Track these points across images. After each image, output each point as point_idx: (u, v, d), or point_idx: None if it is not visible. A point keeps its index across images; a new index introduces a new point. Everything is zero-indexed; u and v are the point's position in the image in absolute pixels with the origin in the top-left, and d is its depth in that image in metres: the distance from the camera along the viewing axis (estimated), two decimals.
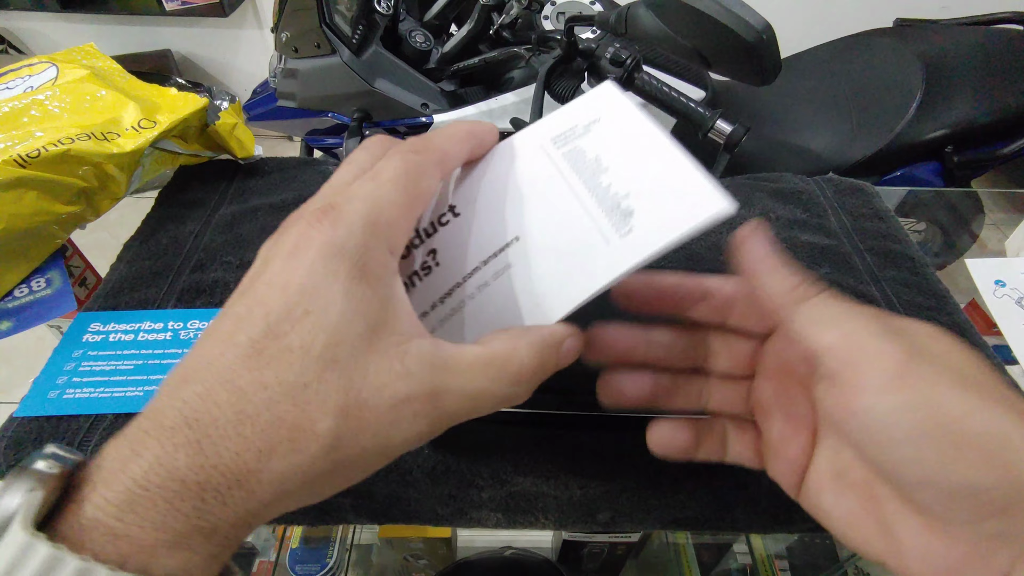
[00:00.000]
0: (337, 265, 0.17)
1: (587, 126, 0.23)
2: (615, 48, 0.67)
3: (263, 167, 0.47)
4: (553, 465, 0.30)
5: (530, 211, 0.22)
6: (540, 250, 0.21)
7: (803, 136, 1.00)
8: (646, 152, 0.21)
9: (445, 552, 0.66)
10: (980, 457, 0.16)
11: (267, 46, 1.61)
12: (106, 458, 0.15)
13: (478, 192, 0.23)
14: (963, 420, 0.17)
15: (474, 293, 0.22)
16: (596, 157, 0.22)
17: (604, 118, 0.23)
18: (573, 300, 0.20)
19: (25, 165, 0.34)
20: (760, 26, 0.51)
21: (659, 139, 0.22)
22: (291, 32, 0.88)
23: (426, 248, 0.23)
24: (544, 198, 0.22)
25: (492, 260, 0.22)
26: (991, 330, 0.43)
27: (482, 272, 0.22)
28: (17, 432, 0.29)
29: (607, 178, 0.21)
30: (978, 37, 0.98)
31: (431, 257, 0.23)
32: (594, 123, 0.23)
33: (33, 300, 0.36)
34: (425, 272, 0.23)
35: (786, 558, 0.65)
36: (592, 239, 0.21)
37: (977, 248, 0.97)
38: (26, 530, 0.13)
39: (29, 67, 0.44)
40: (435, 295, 0.22)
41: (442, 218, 0.23)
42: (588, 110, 0.23)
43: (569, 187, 0.22)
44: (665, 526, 0.32)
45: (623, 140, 0.22)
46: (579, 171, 0.22)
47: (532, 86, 0.76)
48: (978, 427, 0.17)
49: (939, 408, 0.17)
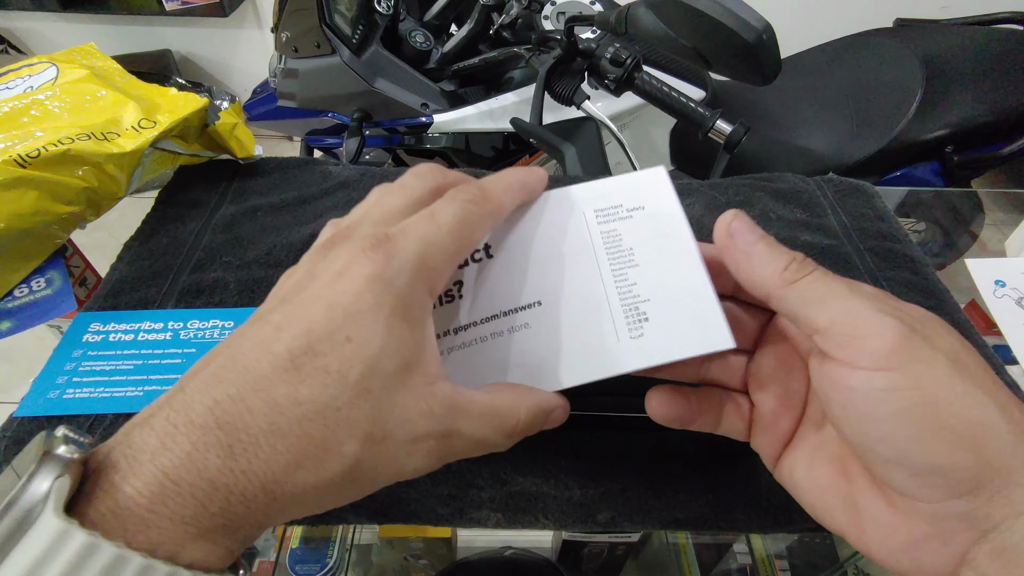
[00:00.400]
0: (384, 299, 0.17)
1: (631, 211, 0.24)
2: (615, 48, 0.67)
3: (263, 167, 0.47)
4: (553, 465, 0.30)
5: (557, 278, 0.23)
6: (557, 322, 0.22)
7: (803, 136, 1.00)
8: (676, 263, 0.22)
9: (445, 552, 0.66)
10: (957, 439, 0.17)
11: (267, 46, 1.61)
12: (132, 446, 0.15)
13: (516, 240, 0.24)
14: (950, 403, 0.17)
15: (486, 337, 0.23)
16: (630, 248, 0.23)
17: (648, 208, 0.24)
18: (574, 380, 0.22)
19: (25, 165, 0.34)
20: (760, 26, 0.51)
21: (691, 253, 0.23)
22: (291, 32, 0.88)
23: (453, 277, 0.23)
24: (573, 272, 0.23)
25: (512, 315, 0.23)
26: (991, 330, 0.43)
27: (500, 322, 0.23)
28: (17, 432, 0.29)
29: (635, 275, 0.23)
30: (978, 37, 0.98)
31: (456, 287, 0.24)
32: (638, 210, 0.24)
33: (33, 300, 0.36)
34: (447, 299, 0.24)
35: (786, 558, 0.65)
36: (605, 329, 0.22)
37: (977, 248, 0.97)
38: (60, 517, 0.13)
39: (29, 67, 0.44)
40: (449, 324, 0.23)
41: (475, 254, 0.24)
42: (636, 192, 0.24)
43: (598, 269, 0.23)
44: (665, 526, 0.32)
45: (659, 241, 0.23)
46: (612, 257, 0.23)
47: (532, 86, 0.76)
48: (962, 411, 0.17)
49: (928, 390, 0.17)
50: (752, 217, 0.31)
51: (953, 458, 0.17)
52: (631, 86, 0.68)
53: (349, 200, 0.44)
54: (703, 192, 0.46)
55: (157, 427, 0.16)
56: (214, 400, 0.16)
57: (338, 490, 0.17)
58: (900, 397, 0.17)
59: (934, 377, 0.17)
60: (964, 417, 0.17)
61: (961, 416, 0.17)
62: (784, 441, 0.23)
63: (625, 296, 0.22)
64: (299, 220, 0.42)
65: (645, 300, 0.22)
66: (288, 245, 0.39)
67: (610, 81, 0.68)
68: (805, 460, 0.22)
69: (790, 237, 0.41)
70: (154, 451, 0.15)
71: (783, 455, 0.23)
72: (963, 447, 0.17)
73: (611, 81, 0.68)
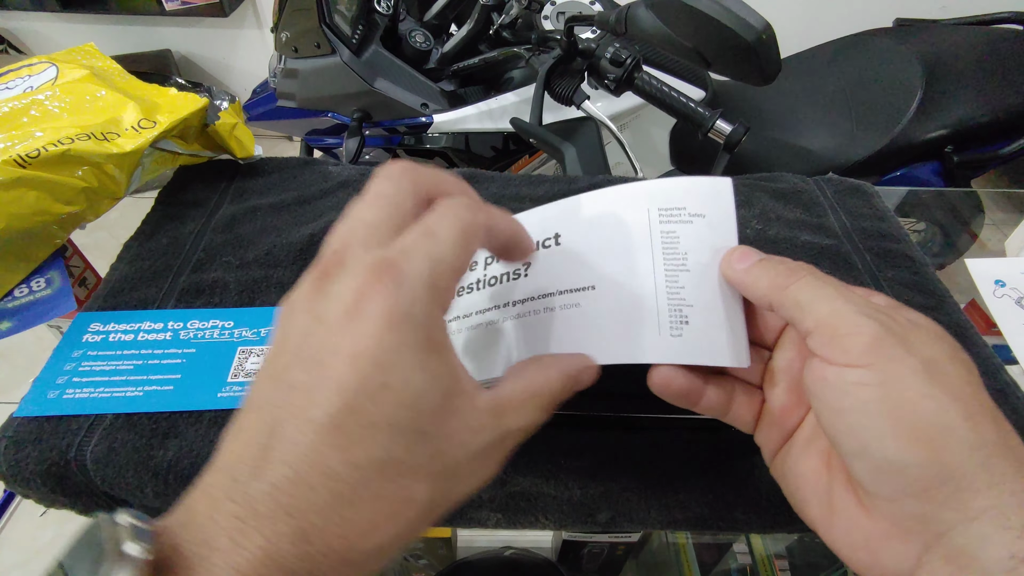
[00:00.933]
0: (406, 335, 0.16)
1: (692, 216, 0.25)
2: (615, 48, 0.67)
3: (263, 167, 0.47)
4: (553, 465, 0.30)
5: (613, 268, 0.25)
6: (606, 307, 0.24)
7: (803, 136, 1.00)
8: (721, 277, 0.24)
9: (445, 552, 0.66)
10: (915, 437, 0.17)
11: (267, 46, 1.61)
12: (202, 546, 0.15)
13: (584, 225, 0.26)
14: (913, 403, 0.18)
15: (539, 311, 0.25)
16: (685, 253, 0.24)
17: (709, 217, 0.25)
18: (608, 359, 0.24)
19: (25, 165, 0.34)
20: (760, 26, 0.51)
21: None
22: (291, 32, 0.88)
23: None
24: (629, 263, 0.25)
25: (566, 294, 0.25)
26: (991, 330, 0.43)
27: (554, 299, 0.25)
28: (17, 432, 0.29)
29: (685, 279, 0.24)
30: (978, 37, 0.98)
31: (524, 267, 0.26)
32: (698, 217, 0.25)
33: (33, 300, 0.36)
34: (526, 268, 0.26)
35: (786, 558, 0.65)
36: (648, 322, 0.24)
37: (977, 248, 0.98)
38: None
39: (29, 67, 0.44)
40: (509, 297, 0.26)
41: (546, 242, 0.26)
42: (701, 198, 0.25)
43: (652, 266, 0.24)
44: (665, 526, 0.32)
45: (711, 252, 0.24)
46: (667, 257, 0.24)
47: (532, 86, 0.76)
48: (924, 412, 0.18)
49: (894, 387, 0.18)
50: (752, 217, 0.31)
51: (909, 455, 0.17)
52: (631, 86, 0.68)
53: (349, 200, 0.44)
54: None
55: (222, 523, 0.15)
56: (272, 484, 0.15)
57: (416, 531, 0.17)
58: (866, 391, 0.18)
59: (902, 376, 0.18)
60: (925, 417, 0.17)
61: (922, 416, 0.17)
62: (786, 437, 0.24)
63: (672, 298, 0.24)
64: (299, 220, 0.42)
65: (689, 305, 0.24)
66: (288, 245, 0.39)
67: (610, 81, 0.68)
68: (796, 452, 0.23)
69: (790, 237, 0.41)
70: (226, 551, 0.15)
71: (781, 449, 0.24)
72: (920, 445, 0.17)
73: (611, 81, 0.68)
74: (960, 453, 0.17)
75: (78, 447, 0.28)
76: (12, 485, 0.29)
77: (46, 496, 0.30)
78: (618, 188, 0.26)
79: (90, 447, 0.28)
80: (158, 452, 0.29)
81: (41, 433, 0.29)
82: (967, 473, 0.17)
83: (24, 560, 0.88)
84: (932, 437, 0.17)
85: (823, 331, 0.20)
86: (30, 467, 0.28)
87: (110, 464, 0.28)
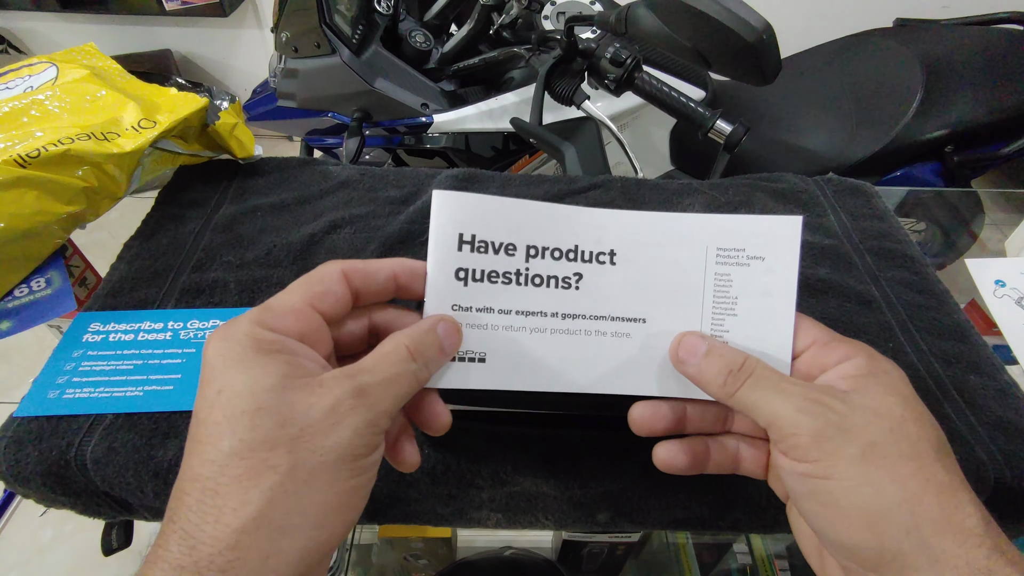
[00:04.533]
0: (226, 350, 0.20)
1: (750, 258, 0.25)
2: (615, 48, 0.67)
3: (263, 167, 0.47)
4: (553, 465, 0.30)
5: (665, 304, 0.26)
6: (654, 341, 0.25)
7: (803, 136, 1.00)
8: (769, 329, 0.25)
9: (445, 552, 0.66)
10: (858, 523, 0.20)
11: (267, 46, 1.61)
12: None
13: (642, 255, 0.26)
14: (853, 492, 0.20)
15: (591, 332, 0.26)
16: (735, 297, 0.25)
17: (768, 260, 0.25)
18: (652, 391, 0.25)
19: (25, 165, 0.34)
20: (760, 26, 0.51)
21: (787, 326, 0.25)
22: (291, 32, 0.87)
23: (572, 268, 0.26)
24: (680, 301, 0.26)
25: (619, 322, 0.26)
26: (991, 330, 0.43)
27: (607, 324, 0.26)
28: (17, 432, 0.29)
29: (731, 324, 0.25)
30: (978, 37, 0.98)
31: (575, 278, 0.26)
32: (757, 260, 0.25)
33: (33, 300, 0.36)
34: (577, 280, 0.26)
35: (786, 558, 0.65)
36: None
37: (977, 248, 0.98)
38: None
39: (29, 67, 0.44)
40: (561, 308, 0.26)
41: (600, 256, 0.26)
42: (764, 239, 0.25)
43: (701, 308, 0.25)
44: (665, 526, 0.32)
45: (764, 300, 0.25)
46: (716, 300, 0.25)
47: (532, 86, 0.76)
48: (863, 500, 0.19)
49: (835, 479, 0.20)
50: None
51: (855, 538, 0.20)
52: (631, 86, 0.68)
53: (349, 200, 0.44)
54: (703, 192, 0.46)
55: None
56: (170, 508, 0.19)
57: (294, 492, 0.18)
58: (814, 483, 0.20)
59: (842, 468, 0.20)
60: (864, 505, 0.19)
61: (861, 504, 0.20)
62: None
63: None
64: (299, 220, 0.42)
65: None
66: (288, 245, 0.39)
67: (610, 81, 0.68)
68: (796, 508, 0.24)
69: None
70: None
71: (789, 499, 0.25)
72: (863, 530, 0.19)
73: (611, 81, 0.68)
74: (897, 537, 0.19)
75: (78, 447, 0.28)
76: (12, 485, 0.29)
77: (46, 496, 0.30)
78: (681, 217, 0.26)
79: (90, 447, 0.28)
80: (158, 452, 0.29)
81: (41, 433, 0.29)
82: (907, 553, 0.19)
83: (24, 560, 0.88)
84: (873, 522, 0.19)
85: (772, 430, 0.22)
86: (30, 467, 0.28)
87: (110, 464, 0.28)
